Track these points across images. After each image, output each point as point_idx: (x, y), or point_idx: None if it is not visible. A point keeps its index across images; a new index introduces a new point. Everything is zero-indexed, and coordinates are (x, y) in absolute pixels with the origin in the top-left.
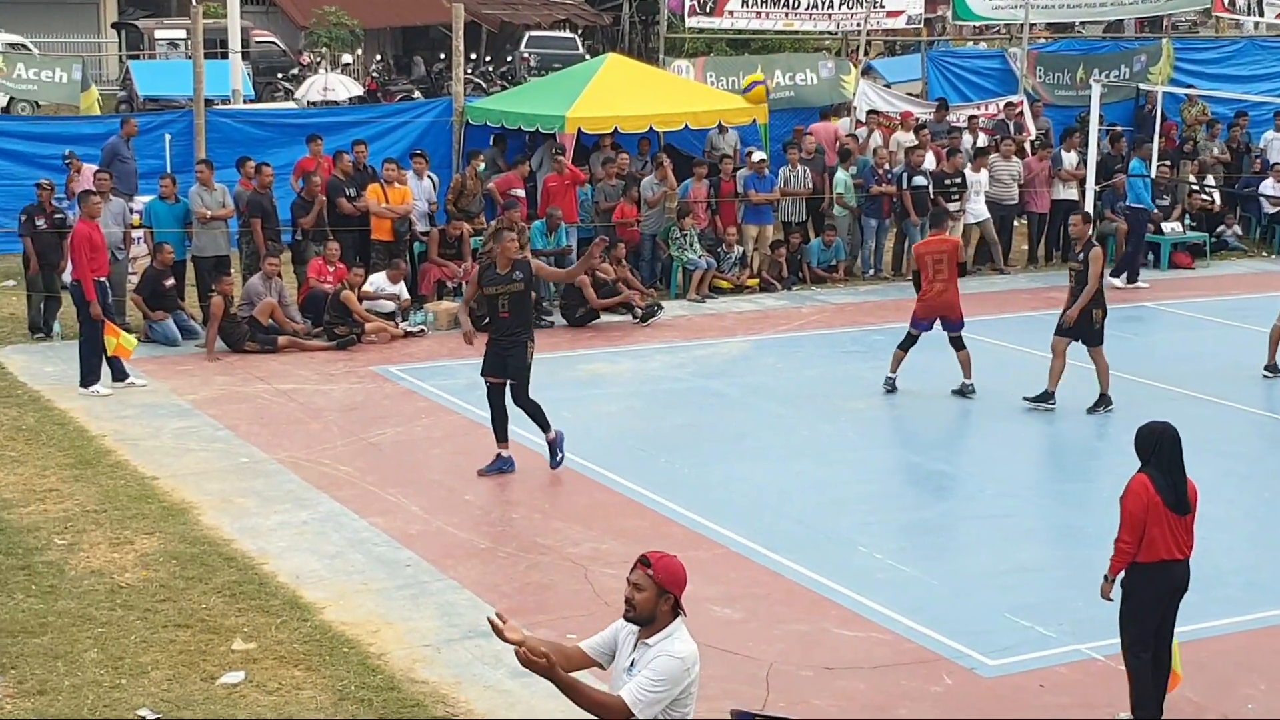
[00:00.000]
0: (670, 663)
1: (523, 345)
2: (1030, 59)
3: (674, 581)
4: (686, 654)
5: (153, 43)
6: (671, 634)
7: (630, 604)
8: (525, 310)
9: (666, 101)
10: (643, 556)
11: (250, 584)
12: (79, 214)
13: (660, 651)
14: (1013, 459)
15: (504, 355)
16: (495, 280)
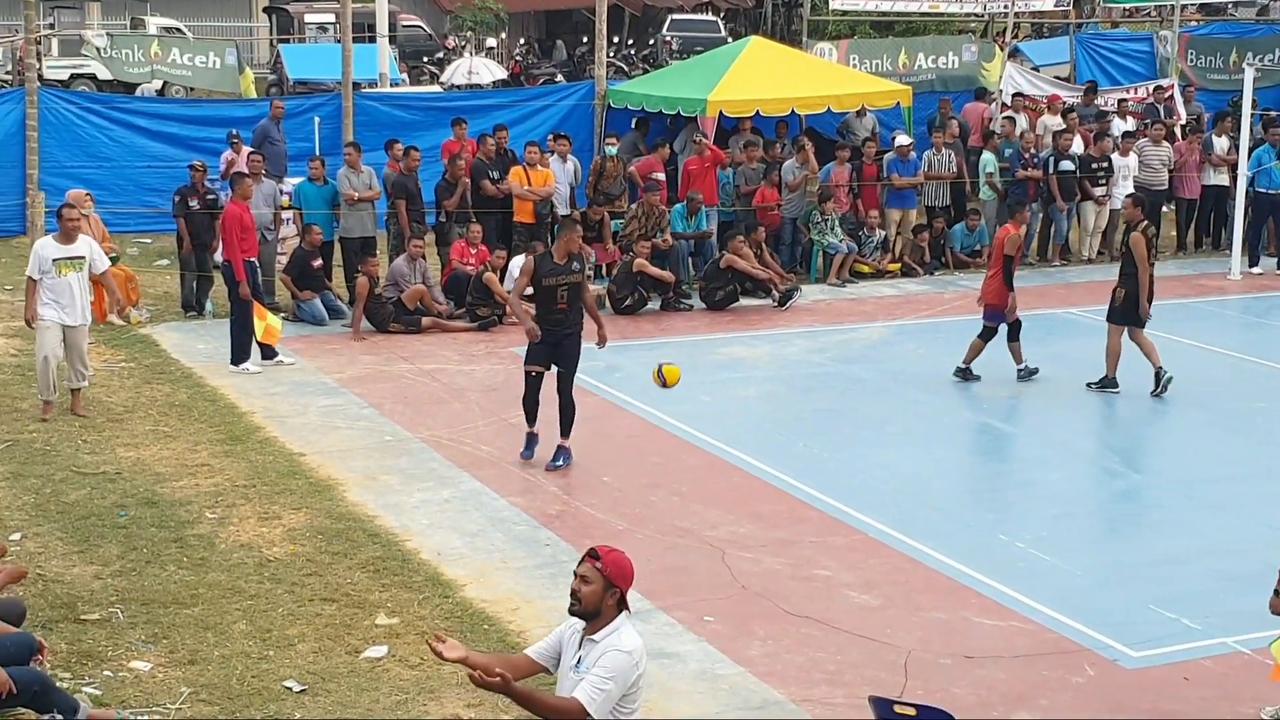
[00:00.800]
0: (619, 658)
1: (576, 336)
2: (1181, 42)
3: (621, 576)
4: (634, 648)
5: (303, 27)
6: (617, 629)
7: (576, 597)
8: (580, 301)
9: (809, 84)
10: (591, 550)
11: (393, 560)
12: (231, 195)
13: (608, 647)
14: (1160, 449)
15: (556, 345)
16: (554, 271)
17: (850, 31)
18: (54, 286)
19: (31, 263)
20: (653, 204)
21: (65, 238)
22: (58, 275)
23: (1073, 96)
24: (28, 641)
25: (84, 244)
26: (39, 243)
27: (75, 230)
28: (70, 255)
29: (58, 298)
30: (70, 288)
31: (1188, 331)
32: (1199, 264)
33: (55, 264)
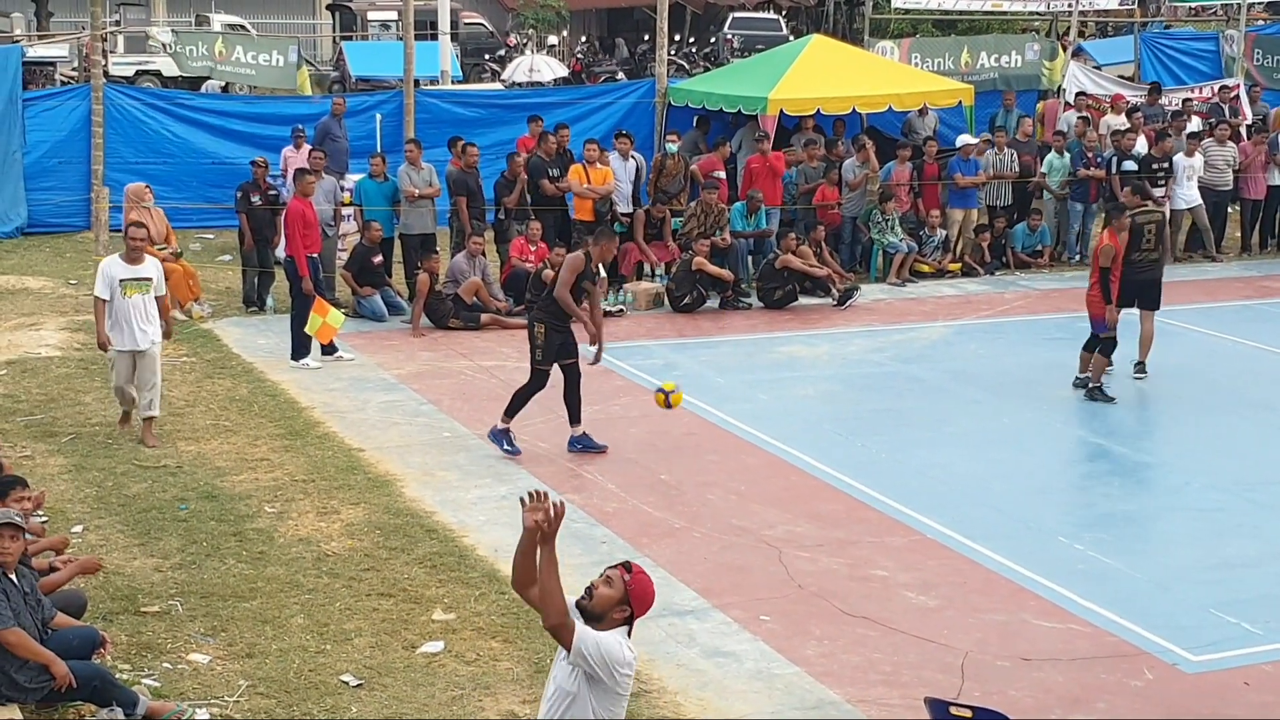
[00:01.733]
0: (613, 643)
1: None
2: (1247, 41)
3: (640, 600)
4: (628, 646)
5: (365, 24)
6: (615, 633)
7: (590, 592)
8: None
9: (870, 83)
10: (627, 563)
11: (450, 556)
12: (292, 191)
13: (605, 635)
14: (1222, 451)
15: (570, 342)
16: (589, 276)
17: (912, 30)
18: (120, 309)
19: (99, 282)
20: (711, 202)
21: (131, 257)
22: (124, 297)
23: (1136, 96)
24: (91, 636)
25: (151, 265)
26: (106, 262)
27: (141, 250)
28: (136, 277)
29: (125, 321)
30: (137, 310)
31: (1251, 333)
32: (1263, 265)
33: (122, 285)
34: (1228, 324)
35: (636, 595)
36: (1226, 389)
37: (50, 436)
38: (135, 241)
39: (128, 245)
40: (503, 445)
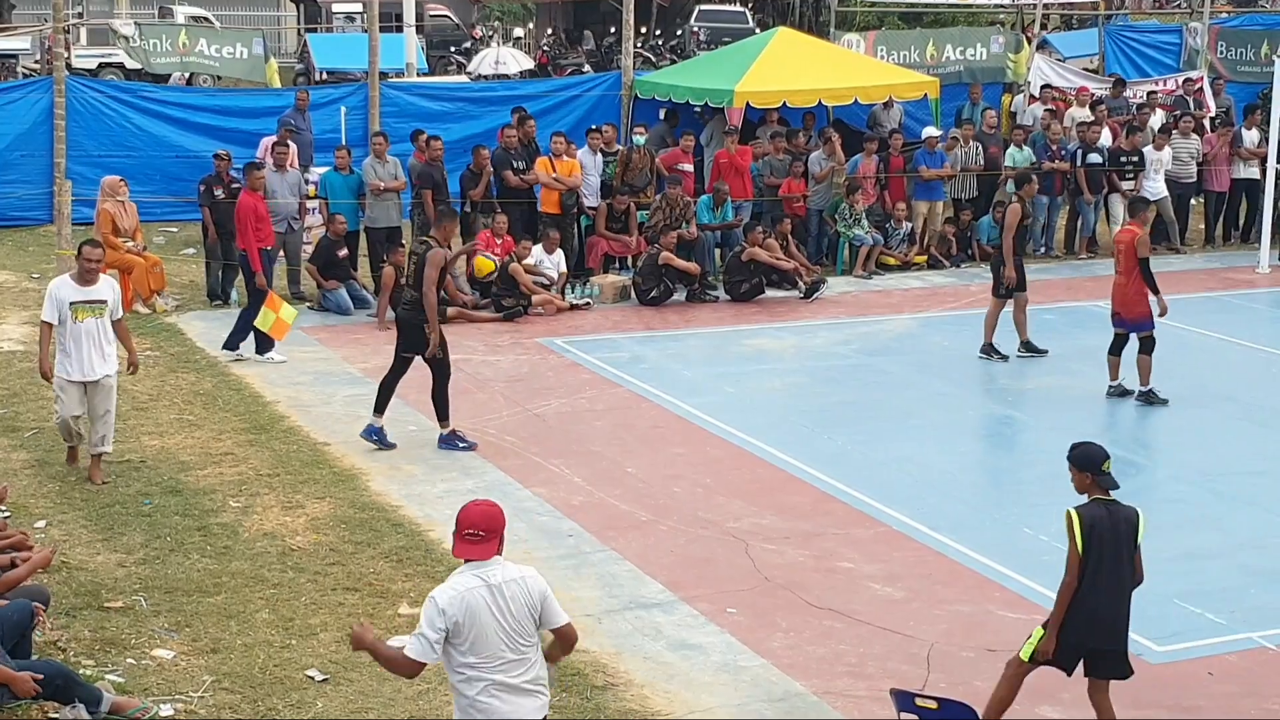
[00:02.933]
0: (427, 602)
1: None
2: (1211, 34)
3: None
4: (437, 593)
5: (330, 16)
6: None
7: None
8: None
9: (836, 76)
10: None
11: (417, 550)
12: None
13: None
14: (1185, 443)
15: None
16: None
17: (878, 23)
18: (71, 335)
19: (47, 305)
20: (677, 195)
21: (84, 279)
22: (75, 321)
23: (1101, 88)
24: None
25: (106, 286)
26: (55, 283)
27: (96, 271)
28: (89, 299)
29: (75, 349)
30: (90, 336)
31: (1216, 325)
32: (1227, 257)
33: (73, 308)
34: (1192, 316)
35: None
36: (1190, 381)
37: (13, 432)
38: (90, 263)
39: (81, 265)
40: (458, 447)
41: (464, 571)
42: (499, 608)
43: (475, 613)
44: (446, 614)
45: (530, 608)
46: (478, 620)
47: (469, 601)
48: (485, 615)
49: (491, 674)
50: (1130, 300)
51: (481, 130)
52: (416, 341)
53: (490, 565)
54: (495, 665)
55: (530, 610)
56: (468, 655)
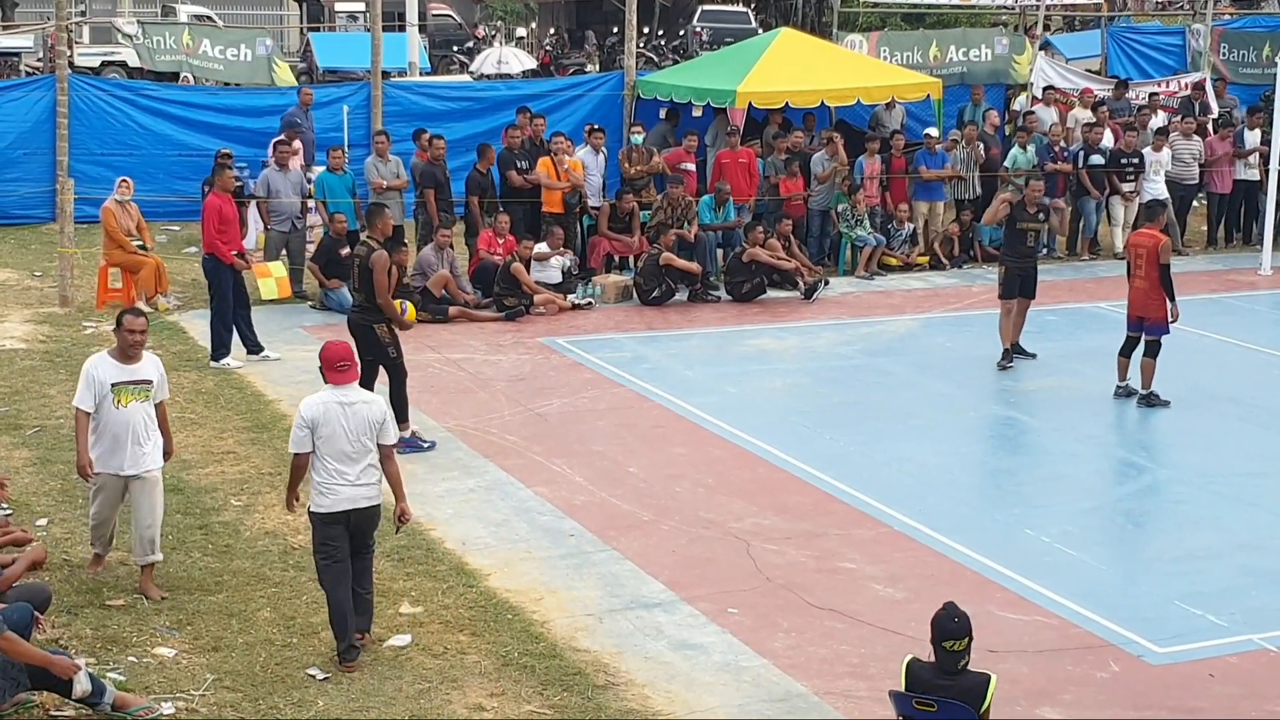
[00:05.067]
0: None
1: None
2: (1214, 36)
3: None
4: (303, 403)
5: (333, 15)
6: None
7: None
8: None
9: (839, 76)
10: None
11: (418, 549)
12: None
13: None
14: (1186, 444)
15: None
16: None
17: (881, 23)
18: (113, 423)
19: (82, 389)
20: (678, 195)
21: (126, 355)
22: (117, 406)
23: (1104, 90)
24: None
25: (151, 364)
26: (91, 363)
27: (141, 346)
28: (134, 380)
29: (118, 438)
30: (135, 423)
31: (1218, 326)
32: (1229, 259)
33: (116, 391)
34: (1193, 317)
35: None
36: (1192, 382)
37: (15, 429)
38: (133, 336)
39: (123, 340)
40: (421, 447)
41: (327, 389)
42: (346, 418)
43: (330, 419)
44: (306, 417)
45: (371, 423)
46: (330, 424)
47: (326, 410)
48: (336, 422)
49: (337, 464)
50: (1154, 304)
51: (484, 130)
52: (371, 344)
53: (347, 389)
54: (339, 460)
55: (370, 425)
56: (321, 449)
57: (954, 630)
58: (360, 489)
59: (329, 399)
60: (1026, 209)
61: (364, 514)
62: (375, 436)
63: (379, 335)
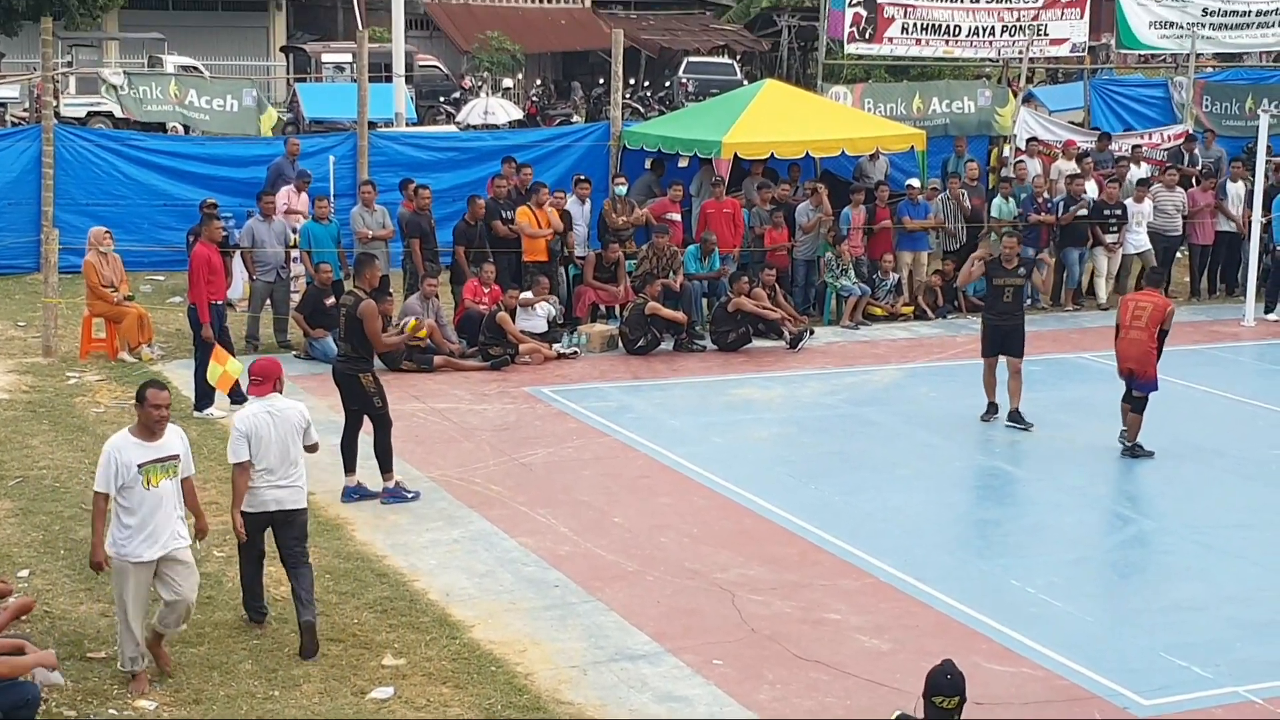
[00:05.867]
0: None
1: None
2: (1197, 88)
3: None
4: (236, 418)
5: (320, 66)
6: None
7: None
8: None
9: (824, 127)
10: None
11: (401, 600)
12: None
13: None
14: (1171, 495)
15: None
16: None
17: (865, 75)
18: (144, 505)
19: (101, 472)
20: (664, 245)
21: (150, 431)
22: (147, 487)
23: (1087, 142)
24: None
25: (175, 437)
26: (113, 444)
27: (165, 420)
28: (162, 457)
29: (149, 521)
30: (166, 502)
31: (1201, 377)
32: (1212, 310)
33: (144, 472)
34: (1177, 368)
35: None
36: (1176, 434)
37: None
38: (157, 410)
39: (146, 415)
40: (404, 498)
41: (254, 402)
42: (276, 426)
43: (261, 429)
44: (242, 429)
45: (296, 428)
46: (262, 434)
47: (257, 421)
48: (266, 431)
49: (269, 474)
50: (1150, 359)
51: (470, 180)
52: (355, 394)
53: (270, 399)
54: (271, 466)
55: (296, 430)
56: (257, 460)
57: (944, 686)
58: (284, 491)
59: (258, 409)
60: (1003, 265)
61: (289, 515)
62: (301, 439)
63: (364, 385)
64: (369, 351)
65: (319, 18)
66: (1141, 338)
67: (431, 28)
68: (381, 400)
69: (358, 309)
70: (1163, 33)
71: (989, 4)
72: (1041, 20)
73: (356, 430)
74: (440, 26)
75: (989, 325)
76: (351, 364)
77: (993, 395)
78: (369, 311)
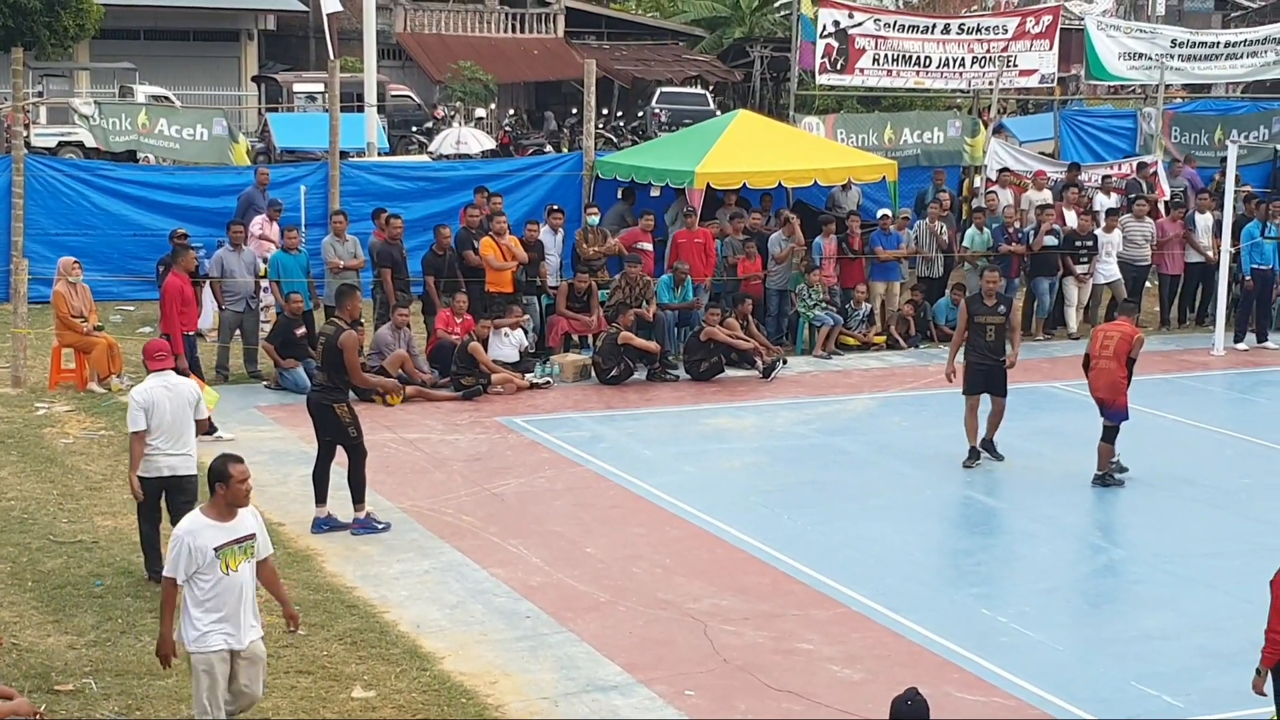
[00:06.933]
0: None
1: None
2: (1165, 119)
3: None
4: (134, 391)
5: (291, 96)
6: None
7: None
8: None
9: (796, 158)
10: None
11: (371, 632)
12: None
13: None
14: (1141, 524)
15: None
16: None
17: (837, 106)
18: (224, 591)
19: (174, 557)
20: (636, 275)
21: (226, 511)
22: (225, 572)
23: (1057, 172)
24: None
25: (250, 517)
26: (186, 526)
27: (245, 499)
28: (239, 537)
29: (229, 608)
30: (244, 589)
31: (1171, 407)
32: (1181, 339)
33: (221, 556)
34: (1147, 398)
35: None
36: (1146, 463)
37: None
38: (245, 485)
39: (233, 495)
40: (375, 529)
41: (151, 378)
42: (170, 399)
43: (158, 401)
44: (140, 401)
45: (189, 402)
46: (159, 406)
47: (154, 395)
48: (164, 404)
49: (163, 443)
50: (1119, 388)
51: (442, 209)
52: (330, 424)
53: (165, 375)
54: (165, 437)
55: (188, 403)
56: (153, 430)
57: (906, 713)
58: (176, 458)
59: (155, 385)
60: (983, 302)
61: (180, 480)
62: (194, 413)
63: (339, 415)
64: (345, 382)
65: (291, 48)
66: (1111, 366)
67: (404, 58)
68: (357, 430)
69: (338, 339)
70: (1132, 64)
71: (959, 36)
72: (1011, 52)
73: (329, 461)
74: (413, 56)
75: (972, 365)
76: (327, 394)
77: (974, 439)
78: (349, 343)
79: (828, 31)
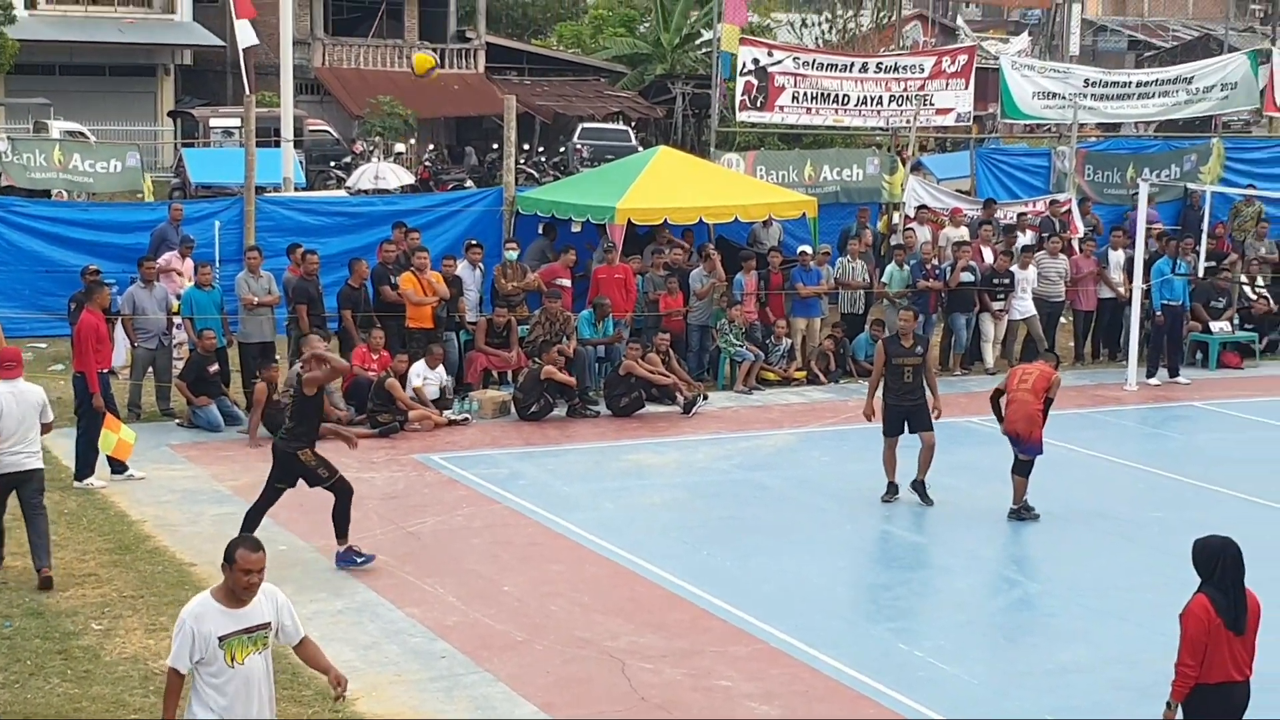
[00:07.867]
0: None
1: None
2: (1079, 157)
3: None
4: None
5: (208, 130)
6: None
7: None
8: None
9: (717, 194)
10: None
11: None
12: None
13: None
14: (1057, 558)
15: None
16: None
17: (758, 143)
18: (228, 685)
19: (179, 646)
20: (556, 310)
21: (236, 598)
22: (231, 664)
23: (973, 209)
24: None
25: (266, 603)
26: (192, 610)
27: (255, 589)
28: (250, 627)
29: (233, 704)
30: (256, 681)
31: (1085, 441)
32: (1096, 374)
33: (226, 646)
34: (1062, 432)
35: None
36: (1061, 497)
37: None
38: (248, 578)
39: (234, 581)
40: (355, 562)
41: (1, 385)
42: (18, 404)
43: (6, 406)
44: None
45: (33, 406)
46: (7, 411)
47: (2, 401)
48: (11, 408)
49: (9, 445)
50: (1035, 421)
51: (360, 245)
52: (294, 470)
53: (15, 383)
54: (12, 439)
55: (34, 408)
56: (2, 433)
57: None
58: (19, 456)
59: (4, 390)
60: (901, 343)
61: (27, 474)
62: (39, 416)
63: (303, 461)
64: (310, 427)
65: (208, 82)
66: (1028, 399)
67: (322, 92)
68: (328, 470)
69: (300, 384)
70: (1046, 103)
71: (877, 74)
72: (928, 90)
73: (267, 505)
74: (331, 91)
75: (890, 406)
76: (289, 441)
77: (893, 475)
78: (308, 378)
79: (747, 69)
